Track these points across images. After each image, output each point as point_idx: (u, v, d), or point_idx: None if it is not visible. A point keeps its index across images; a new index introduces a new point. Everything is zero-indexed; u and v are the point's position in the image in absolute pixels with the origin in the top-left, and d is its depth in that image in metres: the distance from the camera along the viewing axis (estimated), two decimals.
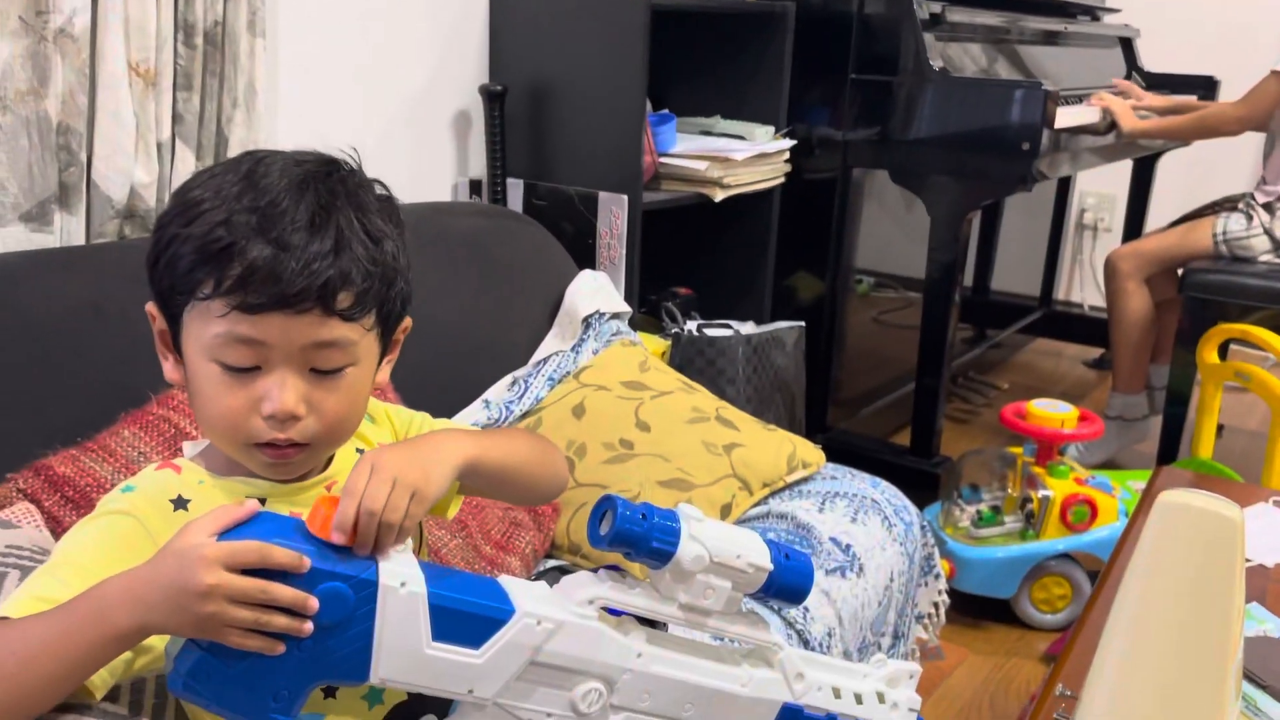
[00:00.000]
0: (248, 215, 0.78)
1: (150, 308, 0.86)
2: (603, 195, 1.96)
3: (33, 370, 1.17)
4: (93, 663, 0.74)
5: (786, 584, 0.83)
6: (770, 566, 0.82)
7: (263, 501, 0.84)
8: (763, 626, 0.87)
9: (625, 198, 1.94)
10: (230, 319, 0.78)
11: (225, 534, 0.71)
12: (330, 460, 0.91)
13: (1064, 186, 3.83)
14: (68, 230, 1.40)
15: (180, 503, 0.84)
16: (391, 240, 0.85)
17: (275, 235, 0.78)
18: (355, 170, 0.87)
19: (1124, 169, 3.48)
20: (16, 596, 0.77)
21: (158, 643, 0.79)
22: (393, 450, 0.79)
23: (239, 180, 0.80)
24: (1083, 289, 4.10)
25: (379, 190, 0.88)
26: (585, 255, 1.98)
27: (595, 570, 0.83)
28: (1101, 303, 3.19)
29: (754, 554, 0.82)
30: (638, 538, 0.77)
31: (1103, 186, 3.92)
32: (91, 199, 1.42)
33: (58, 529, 1.09)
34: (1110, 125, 2.67)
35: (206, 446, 0.91)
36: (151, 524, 0.82)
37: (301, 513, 0.84)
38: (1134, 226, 3.52)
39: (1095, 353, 3.77)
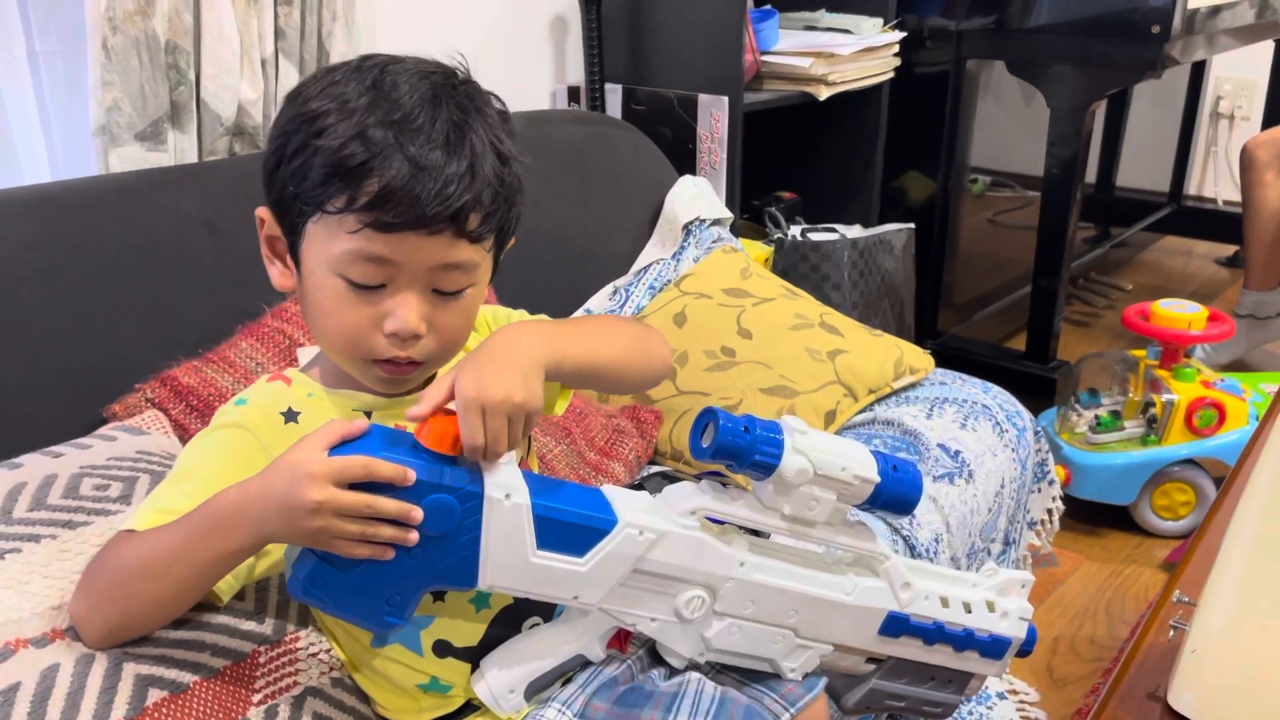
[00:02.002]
0: (383, 130, 0.76)
1: (262, 212, 0.85)
2: (702, 98, 1.91)
3: (154, 285, 1.22)
4: (216, 572, 0.78)
5: (894, 495, 0.81)
6: (877, 479, 0.80)
7: (369, 415, 0.86)
8: (869, 536, 0.85)
9: (725, 99, 1.89)
10: (363, 236, 0.77)
11: (336, 448, 0.73)
12: (434, 376, 0.91)
13: (1198, 72, 3.59)
14: (181, 148, 1.44)
15: (291, 415, 0.86)
16: (518, 161, 0.83)
17: (413, 153, 0.75)
18: (474, 81, 0.84)
19: (1264, 52, 3.23)
20: (142, 510, 0.81)
21: (278, 548, 0.83)
22: (489, 374, 0.75)
23: (366, 90, 0.78)
24: (1216, 183, 3.86)
25: (497, 104, 0.85)
26: (685, 160, 1.94)
27: (698, 478, 0.83)
28: (1237, 197, 3.00)
29: (860, 466, 0.80)
30: (740, 451, 0.76)
31: (1241, 71, 3.65)
32: (202, 117, 1.45)
33: (184, 436, 1.15)
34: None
35: (317, 356, 0.92)
36: (264, 436, 0.84)
37: (407, 426, 0.86)
38: (1275, 114, 3.28)
39: (1228, 250, 3.57)
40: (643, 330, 0.96)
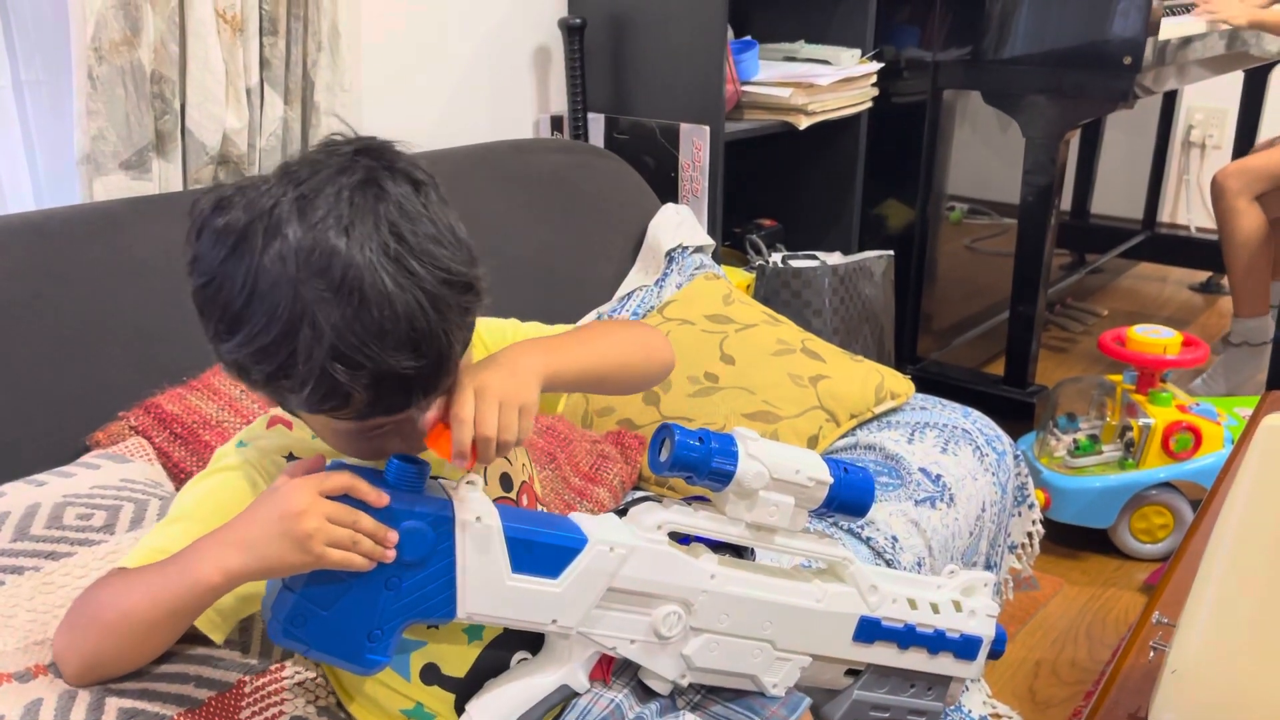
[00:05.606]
0: (361, 343, 0.70)
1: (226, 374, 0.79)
2: (684, 127, 1.94)
3: (137, 313, 1.22)
4: (186, 611, 0.78)
5: (847, 498, 0.85)
6: (830, 480, 0.83)
7: None
8: (831, 542, 0.88)
9: (707, 129, 1.91)
10: (353, 423, 0.76)
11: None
12: None
13: (1169, 102, 3.65)
14: (165, 177, 1.44)
15: (293, 460, 0.86)
16: (474, 310, 0.78)
17: (393, 363, 0.71)
18: (432, 207, 0.75)
19: (1234, 82, 3.29)
20: (136, 549, 0.82)
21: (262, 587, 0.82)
22: (487, 371, 0.79)
23: (345, 298, 0.69)
24: (1189, 210, 3.92)
25: (454, 225, 0.77)
26: (668, 189, 1.96)
27: (687, 502, 0.84)
28: (1210, 224, 3.05)
29: (813, 468, 0.83)
30: (697, 461, 0.79)
31: (1212, 101, 3.71)
32: (186, 146, 1.46)
33: (168, 464, 1.14)
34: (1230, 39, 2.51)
35: None
36: (265, 481, 0.84)
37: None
38: (1245, 143, 3.35)
39: (1201, 276, 3.62)
40: (643, 331, 0.99)
